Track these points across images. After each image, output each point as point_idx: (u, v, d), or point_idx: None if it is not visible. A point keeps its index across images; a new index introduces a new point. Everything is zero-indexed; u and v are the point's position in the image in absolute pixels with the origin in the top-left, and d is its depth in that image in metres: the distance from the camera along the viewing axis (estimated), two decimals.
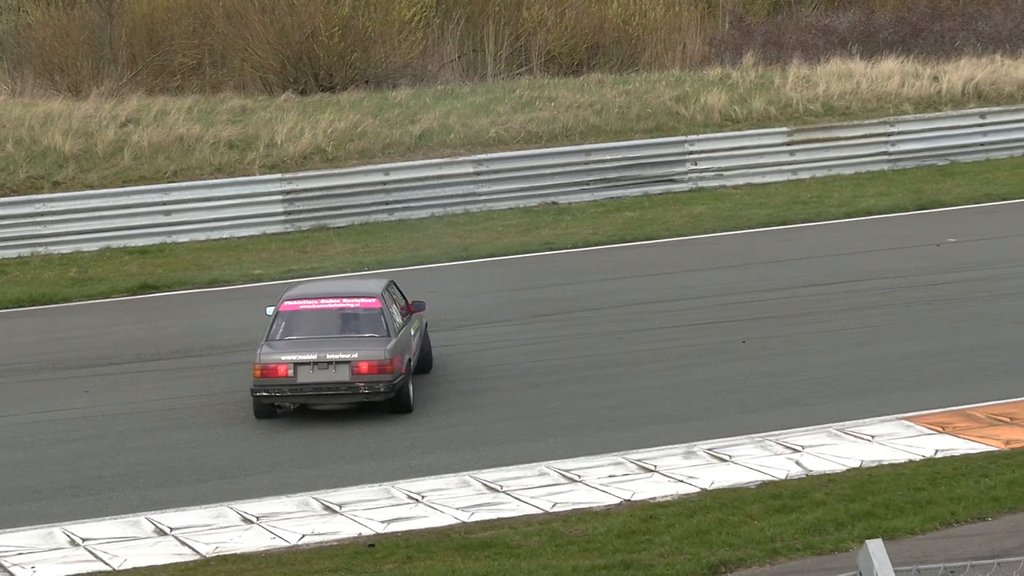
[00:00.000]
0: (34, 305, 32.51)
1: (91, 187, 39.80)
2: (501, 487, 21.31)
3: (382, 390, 24.24)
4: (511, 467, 21.99)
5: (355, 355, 24.29)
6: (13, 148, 41.09)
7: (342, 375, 24.26)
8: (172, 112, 43.53)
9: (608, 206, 39.34)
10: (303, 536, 19.86)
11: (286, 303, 25.57)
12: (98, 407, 25.82)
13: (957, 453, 21.66)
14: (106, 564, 19.15)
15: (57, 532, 20.17)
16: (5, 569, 19.02)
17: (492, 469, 21.91)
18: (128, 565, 19.06)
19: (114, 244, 37.69)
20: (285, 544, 19.65)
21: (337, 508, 20.80)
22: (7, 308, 32.45)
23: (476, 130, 42.38)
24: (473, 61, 49.39)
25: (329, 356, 24.34)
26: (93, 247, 37.44)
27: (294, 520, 20.40)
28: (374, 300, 25.26)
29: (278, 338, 24.86)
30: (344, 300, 25.52)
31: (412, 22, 48.07)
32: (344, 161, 41.56)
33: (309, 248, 36.87)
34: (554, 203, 39.89)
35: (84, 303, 32.66)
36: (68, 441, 24.29)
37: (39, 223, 37.91)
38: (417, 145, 41.93)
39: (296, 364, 24.26)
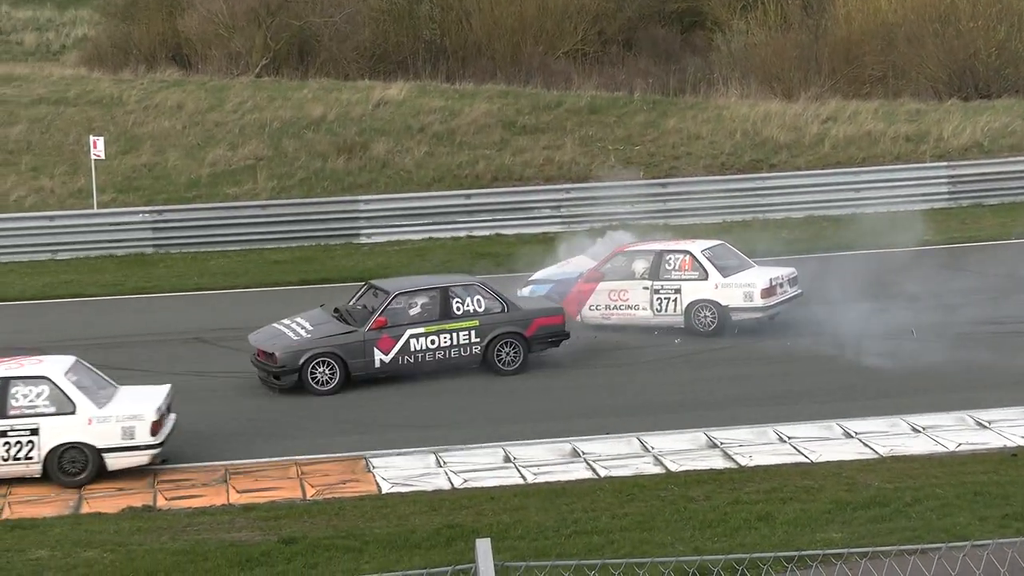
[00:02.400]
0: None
1: (798, 169, 39.93)
2: None
3: None
4: None
5: None
6: (740, 138, 41.60)
7: None
8: (861, 113, 43.19)
9: None
10: (959, 444, 19.43)
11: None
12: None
13: None
14: (805, 457, 19.12)
15: (768, 431, 20.26)
16: (730, 457, 19.28)
17: None
18: (822, 459, 19.04)
19: (816, 213, 37.66)
20: (944, 450, 19.27)
21: (987, 424, 20.22)
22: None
23: None
24: None
25: None
26: (799, 215, 37.49)
27: (952, 432, 19.96)
28: None
29: None
30: None
31: None
32: (997, 153, 40.36)
33: (968, 220, 35.91)
34: None
35: (793, 256, 31.80)
36: (778, 362, 24.39)
37: (759, 195, 38.20)
38: None
39: None
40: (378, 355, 23.35)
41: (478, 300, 23.87)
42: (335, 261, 34.64)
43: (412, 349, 23.48)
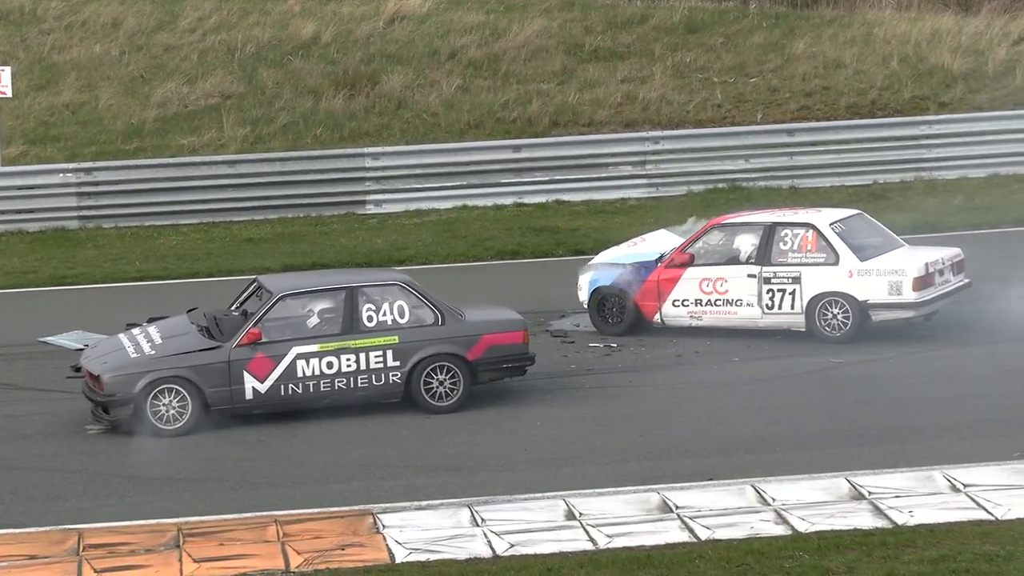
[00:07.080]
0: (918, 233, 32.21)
1: (979, 109, 39.80)
2: None
3: None
4: None
5: None
6: (898, 66, 41.52)
7: None
8: None
9: None
10: None
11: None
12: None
13: None
14: (988, 513, 19.08)
15: (936, 475, 20.23)
16: (881, 512, 19.23)
17: None
18: (1011, 516, 18.98)
19: (1003, 171, 37.49)
20: None
21: None
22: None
23: None
24: None
25: None
26: (980, 173, 37.31)
27: None
28: None
29: None
30: None
31: None
32: None
33: None
34: None
35: (970, 232, 32.16)
36: (952, 380, 24.35)
37: (923, 146, 38.06)
38: None
39: None
40: (250, 382, 22.77)
41: (399, 307, 23.14)
42: (331, 239, 34.77)
43: (299, 375, 22.85)
